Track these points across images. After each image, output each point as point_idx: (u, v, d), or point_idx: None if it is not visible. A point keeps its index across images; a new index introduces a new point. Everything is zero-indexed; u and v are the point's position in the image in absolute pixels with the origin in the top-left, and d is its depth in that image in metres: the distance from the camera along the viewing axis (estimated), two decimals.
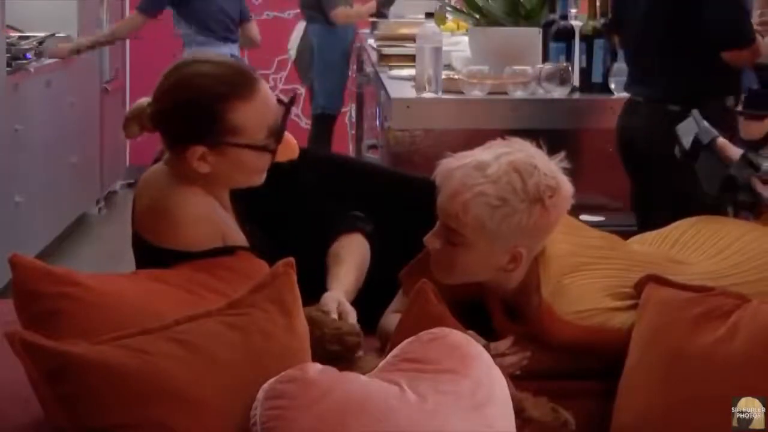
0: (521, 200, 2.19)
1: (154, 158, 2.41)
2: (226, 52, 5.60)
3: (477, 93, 3.72)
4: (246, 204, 2.37)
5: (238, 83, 2.23)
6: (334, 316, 2.22)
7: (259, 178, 2.31)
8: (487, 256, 2.24)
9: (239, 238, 2.32)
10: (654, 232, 2.56)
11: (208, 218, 2.27)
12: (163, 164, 2.32)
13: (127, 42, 7.81)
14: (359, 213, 2.55)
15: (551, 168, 2.23)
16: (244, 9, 6.19)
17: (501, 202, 2.19)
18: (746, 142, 2.85)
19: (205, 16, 5.92)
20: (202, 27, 5.91)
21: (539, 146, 2.26)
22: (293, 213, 2.51)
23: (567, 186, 2.25)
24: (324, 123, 6.88)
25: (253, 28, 6.28)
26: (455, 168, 2.23)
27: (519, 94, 3.74)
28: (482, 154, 2.25)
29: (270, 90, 2.30)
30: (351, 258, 2.44)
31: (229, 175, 2.27)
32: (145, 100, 2.31)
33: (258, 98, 2.24)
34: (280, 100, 2.31)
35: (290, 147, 2.35)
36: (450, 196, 2.22)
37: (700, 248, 2.45)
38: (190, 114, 2.21)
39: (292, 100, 2.35)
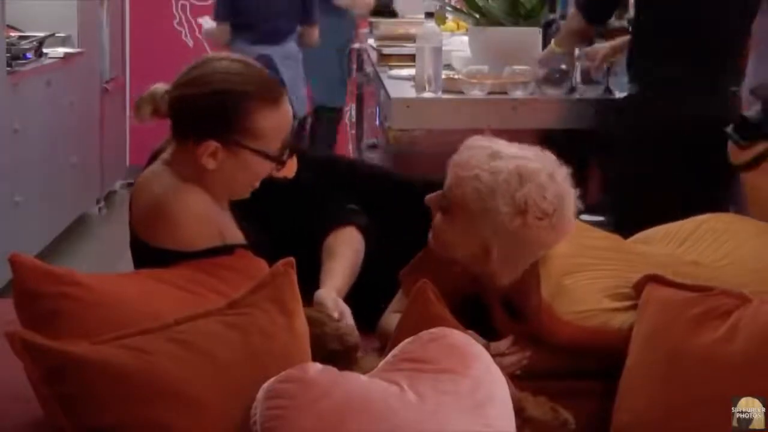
0: (506, 203, 2.20)
1: (150, 157, 2.40)
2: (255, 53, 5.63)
3: (477, 93, 3.72)
4: (243, 201, 2.37)
5: (266, 88, 2.24)
6: (335, 314, 2.23)
7: (249, 190, 2.31)
8: (462, 235, 2.27)
9: (237, 235, 2.32)
10: (661, 230, 2.55)
11: (206, 217, 2.26)
12: (161, 163, 2.32)
13: (127, 42, 7.81)
14: (353, 206, 2.55)
15: (560, 197, 2.23)
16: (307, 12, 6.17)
17: (489, 194, 2.20)
18: None
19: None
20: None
21: (574, 177, 2.27)
22: (289, 209, 2.51)
23: (565, 221, 2.25)
24: (326, 116, 6.87)
25: (312, 33, 6.24)
26: (476, 146, 2.28)
27: (519, 93, 3.74)
28: (506, 147, 2.28)
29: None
30: (344, 253, 2.45)
31: (231, 177, 2.26)
32: (162, 86, 2.29)
33: (282, 108, 2.26)
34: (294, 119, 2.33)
35: (291, 166, 2.35)
36: (453, 164, 2.28)
37: (710, 247, 2.44)
38: (216, 107, 2.21)
39: (304, 120, 2.37)
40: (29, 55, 5.68)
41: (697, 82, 3.39)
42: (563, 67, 3.83)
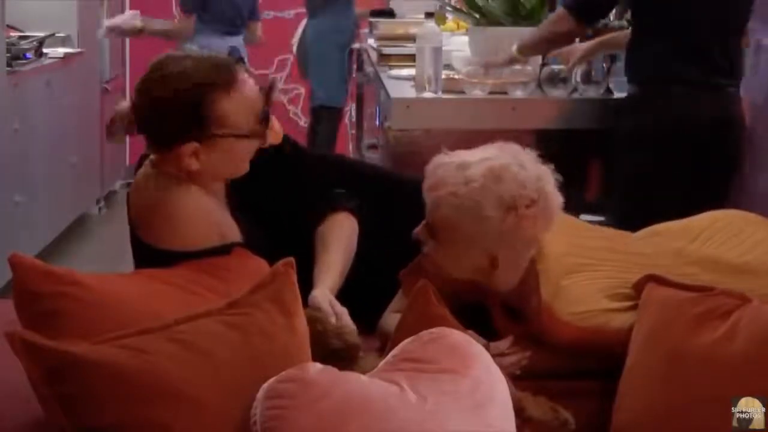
0: (493, 206, 2.20)
1: (139, 159, 2.40)
2: (226, 45, 5.68)
3: (477, 93, 3.72)
4: (238, 197, 2.37)
5: (217, 75, 2.23)
6: (332, 319, 2.23)
7: (246, 166, 2.32)
8: (461, 255, 2.26)
9: (235, 232, 2.32)
10: (673, 225, 2.54)
11: (205, 216, 2.27)
12: (151, 165, 2.32)
13: (127, 42, 7.81)
14: (341, 190, 2.54)
15: (538, 179, 2.23)
16: (255, 8, 6.26)
17: (472, 205, 2.20)
18: None
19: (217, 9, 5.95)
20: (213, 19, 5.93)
21: (541, 156, 2.27)
22: (284, 206, 2.50)
23: (552, 199, 2.24)
24: (326, 116, 6.86)
25: (258, 28, 6.36)
26: (441, 164, 2.26)
27: (519, 93, 3.74)
28: (471, 154, 2.26)
29: (249, 76, 2.30)
30: (335, 243, 2.44)
31: (218, 167, 2.28)
32: (126, 104, 2.30)
33: (239, 86, 2.25)
34: (261, 87, 2.31)
35: (275, 132, 2.35)
36: (427, 189, 2.26)
37: (724, 244, 2.43)
38: (175, 113, 2.21)
39: (273, 84, 2.35)
40: (29, 55, 5.69)
41: (695, 82, 3.39)
42: (563, 67, 3.83)
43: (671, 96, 3.39)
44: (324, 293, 2.30)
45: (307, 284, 2.25)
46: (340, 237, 2.46)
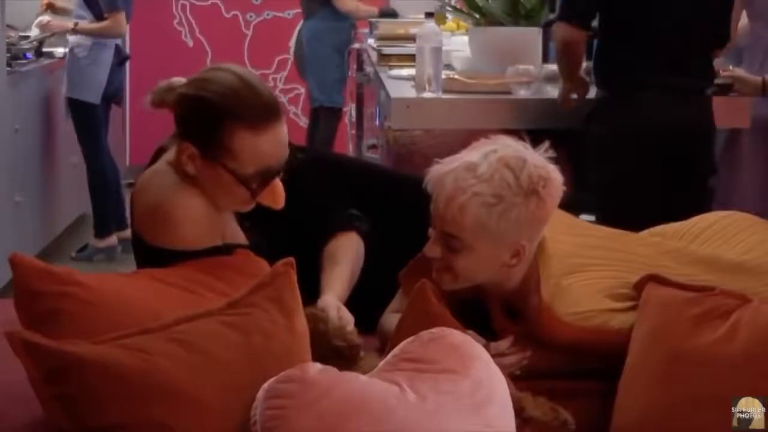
0: (516, 194, 2.19)
1: (155, 152, 2.41)
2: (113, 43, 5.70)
3: (523, 93, 3.72)
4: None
5: (256, 111, 2.20)
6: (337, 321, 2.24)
7: (242, 208, 2.30)
8: (489, 255, 2.23)
9: (239, 236, 2.32)
10: (674, 225, 2.55)
11: (208, 218, 2.27)
12: (165, 161, 2.33)
13: (127, 42, 7.81)
14: (355, 211, 2.55)
15: (539, 159, 2.24)
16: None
17: (497, 199, 2.19)
18: None
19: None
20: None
21: (521, 140, 2.27)
22: (290, 211, 2.50)
23: (557, 174, 2.25)
24: (324, 117, 6.87)
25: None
26: (446, 173, 2.23)
27: (520, 93, 3.74)
28: (470, 155, 2.24)
29: (285, 134, 2.26)
30: (345, 259, 2.45)
31: (211, 189, 2.26)
32: (179, 80, 2.31)
33: (266, 135, 2.21)
34: (290, 146, 2.29)
35: (275, 195, 2.31)
36: (446, 201, 2.21)
37: (724, 245, 2.44)
38: (200, 113, 2.22)
39: (294, 156, 2.31)
40: (29, 55, 5.69)
41: (664, 86, 3.39)
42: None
43: (646, 102, 3.38)
44: (333, 301, 2.31)
45: (307, 293, 2.25)
46: (347, 254, 2.47)
